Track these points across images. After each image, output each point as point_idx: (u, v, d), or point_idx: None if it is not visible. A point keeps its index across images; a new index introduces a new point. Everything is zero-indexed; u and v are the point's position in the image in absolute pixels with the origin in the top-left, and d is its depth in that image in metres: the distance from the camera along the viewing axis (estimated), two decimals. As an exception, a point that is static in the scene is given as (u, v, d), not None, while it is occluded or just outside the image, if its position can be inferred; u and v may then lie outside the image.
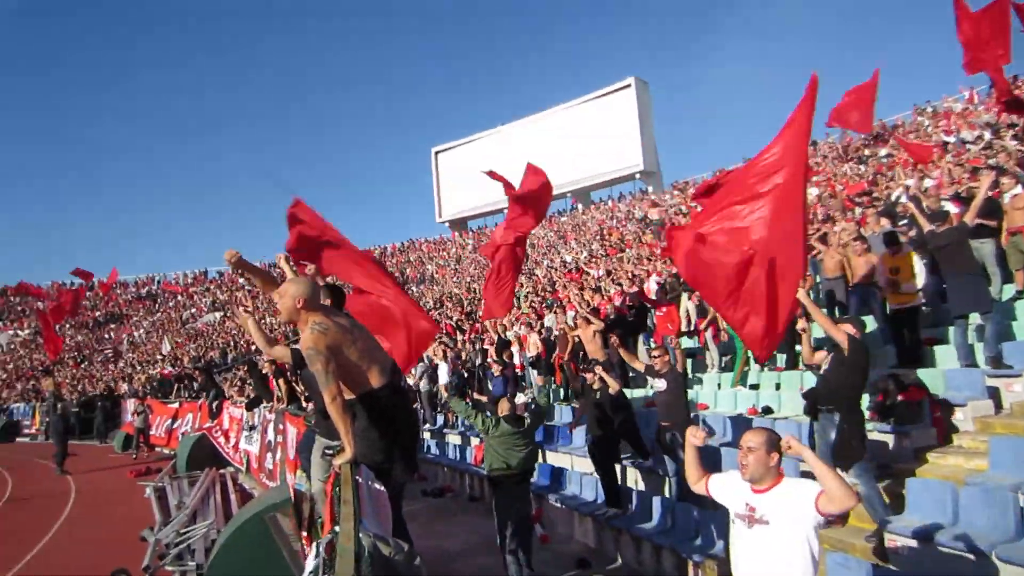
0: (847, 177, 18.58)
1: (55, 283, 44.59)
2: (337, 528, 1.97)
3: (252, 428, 13.33)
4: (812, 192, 17.71)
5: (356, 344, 3.49)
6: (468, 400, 11.94)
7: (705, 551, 6.26)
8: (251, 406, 13.93)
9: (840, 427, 5.74)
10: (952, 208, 8.80)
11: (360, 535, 1.83)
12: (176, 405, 21.27)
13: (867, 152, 21.23)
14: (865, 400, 6.51)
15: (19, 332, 43.92)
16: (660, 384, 7.62)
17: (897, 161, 17.29)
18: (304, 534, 6.01)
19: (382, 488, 3.41)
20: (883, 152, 20.28)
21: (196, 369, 23.44)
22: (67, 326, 42.37)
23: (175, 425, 20.41)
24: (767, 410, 8.67)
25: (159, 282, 51.62)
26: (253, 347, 30.69)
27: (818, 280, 10.10)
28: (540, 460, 10.61)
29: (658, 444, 7.75)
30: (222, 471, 13.55)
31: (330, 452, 3.95)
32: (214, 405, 17.81)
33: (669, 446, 7.38)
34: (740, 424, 8.29)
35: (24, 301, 44.86)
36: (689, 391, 8.94)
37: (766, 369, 9.76)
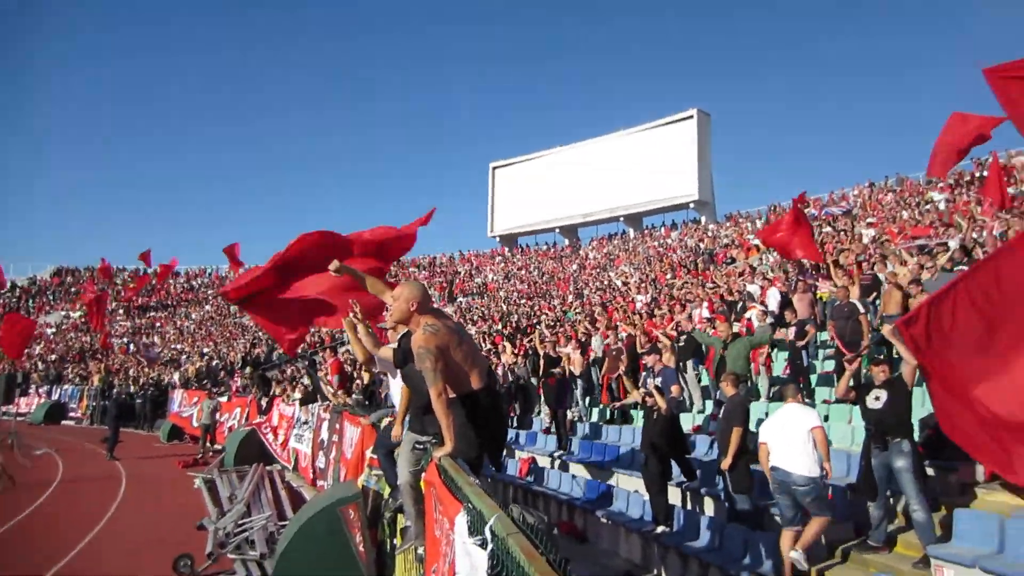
0: (905, 221, 18.56)
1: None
2: (476, 507, 2.21)
3: (305, 423, 13.75)
4: (868, 233, 17.78)
5: (461, 347, 3.78)
6: None
7: (754, 570, 6.46)
8: (305, 402, 14.40)
9: (912, 453, 6.12)
10: None
11: (508, 508, 2.09)
12: (225, 399, 21.81)
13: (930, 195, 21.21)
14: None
15: (71, 314, 44.75)
16: (721, 412, 7.86)
17: (958, 207, 17.27)
18: (368, 529, 6.35)
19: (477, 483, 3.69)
20: (938, 197, 20.23)
21: (247, 365, 24.01)
22: (118, 312, 43.73)
23: (222, 419, 20.85)
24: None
25: (211, 274, 52.20)
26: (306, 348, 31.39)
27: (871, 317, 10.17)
28: (588, 477, 10.84)
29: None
30: (269, 468, 13.96)
31: (421, 446, 4.27)
32: (263, 402, 18.32)
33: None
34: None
35: (84, 282, 46.05)
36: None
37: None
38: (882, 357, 7.67)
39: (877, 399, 6.43)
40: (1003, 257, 5.90)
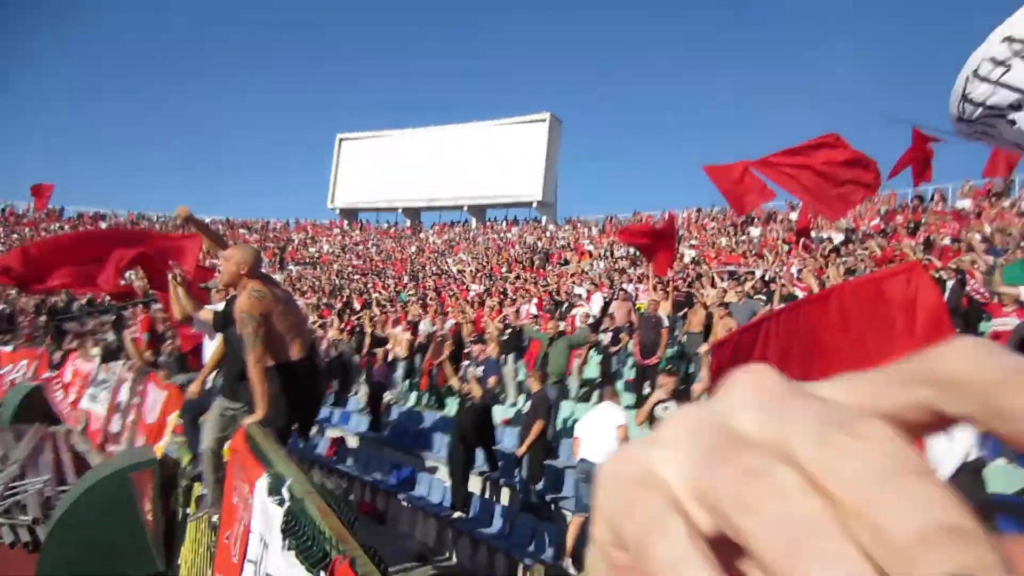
0: (722, 247, 20.36)
1: None
2: (279, 471, 2.31)
3: (103, 383, 12.80)
4: (690, 254, 19.34)
5: (286, 316, 3.80)
6: None
7: (537, 556, 6.94)
8: (106, 359, 13.38)
9: None
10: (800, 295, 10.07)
11: (308, 473, 2.20)
12: (9, 349, 19.67)
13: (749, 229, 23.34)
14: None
15: None
16: (527, 406, 8.30)
17: (768, 241, 19.20)
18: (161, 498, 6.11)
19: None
20: (756, 231, 22.37)
21: (39, 314, 21.69)
22: None
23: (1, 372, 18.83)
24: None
25: (4, 209, 46.94)
26: (106, 299, 28.85)
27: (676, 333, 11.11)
28: (395, 459, 11.01)
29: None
30: (52, 429, 12.85)
31: (230, 412, 4.23)
32: (56, 355, 16.76)
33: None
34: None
35: None
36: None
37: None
38: (671, 368, 8.36)
39: (666, 409, 7.10)
40: (802, 308, 6.87)
